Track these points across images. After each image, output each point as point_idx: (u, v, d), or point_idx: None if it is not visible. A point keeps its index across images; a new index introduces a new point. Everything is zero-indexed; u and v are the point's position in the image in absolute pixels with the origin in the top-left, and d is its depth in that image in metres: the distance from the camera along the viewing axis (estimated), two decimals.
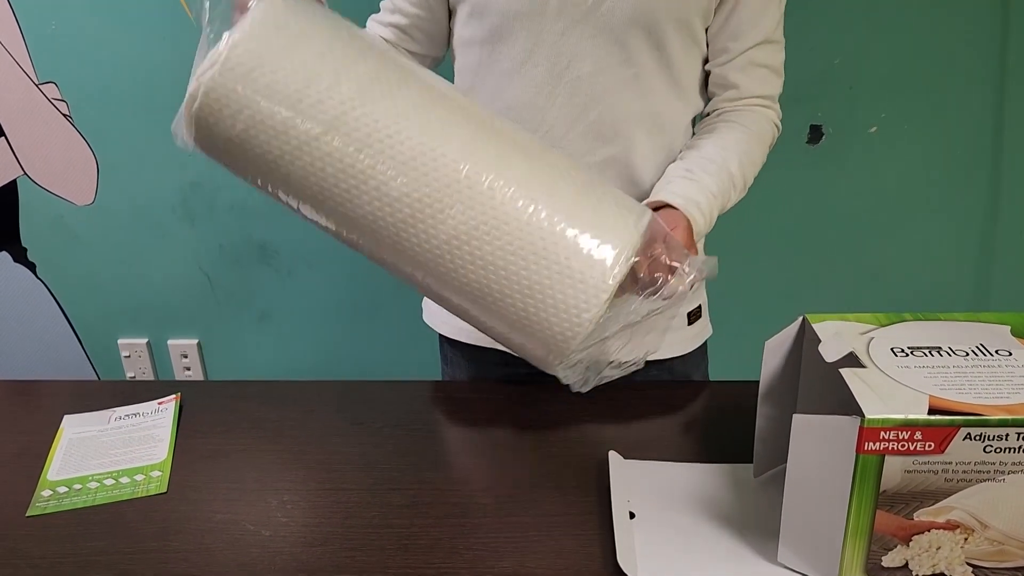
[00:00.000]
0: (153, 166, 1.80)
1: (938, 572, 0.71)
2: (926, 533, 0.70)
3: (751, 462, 0.87)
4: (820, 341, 0.76)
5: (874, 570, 0.71)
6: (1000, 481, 0.67)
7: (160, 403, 1.05)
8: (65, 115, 1.76)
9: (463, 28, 0.99)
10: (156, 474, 0.92)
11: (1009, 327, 0.78)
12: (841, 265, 1.80)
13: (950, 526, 0.69)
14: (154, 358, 2.03)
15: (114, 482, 0.92)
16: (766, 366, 0.83)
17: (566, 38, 0.94)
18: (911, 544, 0.70)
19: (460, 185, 0.74)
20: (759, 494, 0.85)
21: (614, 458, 0.90)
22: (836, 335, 0.76)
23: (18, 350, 2.04)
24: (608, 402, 1.03)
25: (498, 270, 0.74)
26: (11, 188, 1.85)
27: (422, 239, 0.75)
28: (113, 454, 0.96)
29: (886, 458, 0.66)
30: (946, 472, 0.67)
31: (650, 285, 0.78)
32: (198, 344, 2.01)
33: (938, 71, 1.62)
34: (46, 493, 0.90)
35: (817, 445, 0.69)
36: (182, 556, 0.81)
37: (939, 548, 0.70)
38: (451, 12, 1.01)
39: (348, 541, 0.82)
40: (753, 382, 0.84)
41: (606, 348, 0.79)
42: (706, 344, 1.18)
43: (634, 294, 0.78)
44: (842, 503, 0.69)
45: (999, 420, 0.65)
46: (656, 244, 0.79)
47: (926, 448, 0.66)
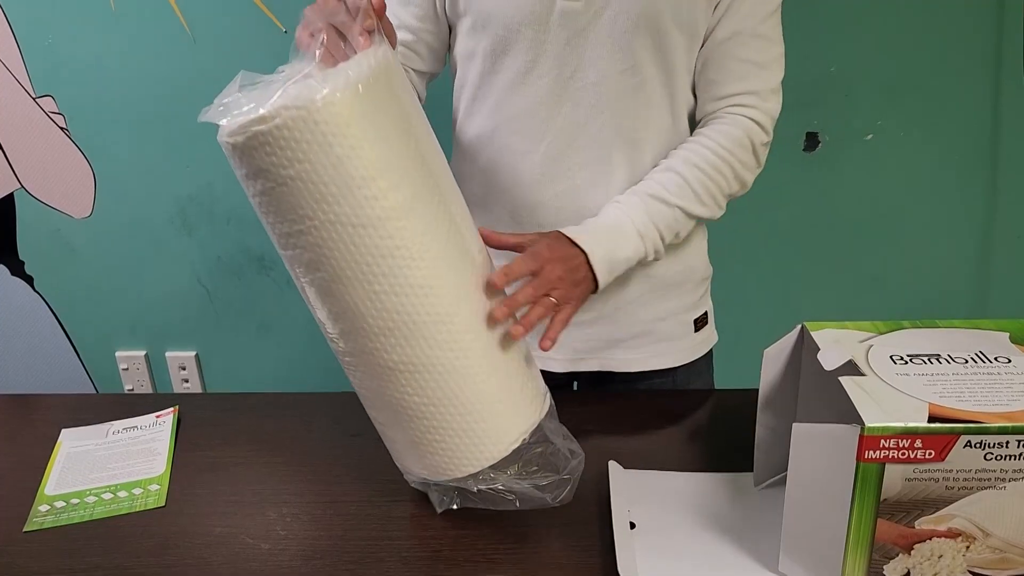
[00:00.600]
0: (150, 178, 1.80)
1: None
2: (928, 541, 0.69)
3: (752, 471, 0.87)
4: (819, 349, 0.76)
5: None
6: (1001, 489, 0.67)
7: (158, 416, 1.05)
8: (62, 128, 1.76)
9: (465, 41, 0.99)
10: (154, 488, 0.92)
11: (1008, 334, 0.78)
12: (840, 271, 1.81)
13: (952, 534, 0.69)
14: (152, 370, 2.02)
15: (112, 496, 0.91)
16: (765, 375, 0.82)
17: (571, 48, 0.94)
18: (913, 553, 0.70)
19: (435, 325, 0.76)
20: (760, 503, 0.85)
21: (614, 468, 0.90)
22: (835, 343, 0.76)
23: (16, 363, 2.04)
24: (609, 412, 1.04)
25: (427, 395, 0.78)
26: (8, 201, 1.85)
27: (377, 351, 0.76)
28: (111, 468, 0.96)
29: (887, 466, 0.66)
30: (947, 480, 0.67)
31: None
32: (196, 356, 2.00)
33: (934, 78, 1.62)
34: (43, 508, 0.90)
35: (817, 454, 0.69)
36: (181, 571, 0.80)
37: (941, 556, 0.70)
38: (451, 27, 1.02)
39: (347, 554, 0.82)
40: (753, 390, 0.84)
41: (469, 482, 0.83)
42: (711, 353, 1.18)
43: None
44: (843, 512, 0.69)
45: (999, 427, 0.65)
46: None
47: (926, 456, 0.66)
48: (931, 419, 0.66)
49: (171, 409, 1.06)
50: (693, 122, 1.02)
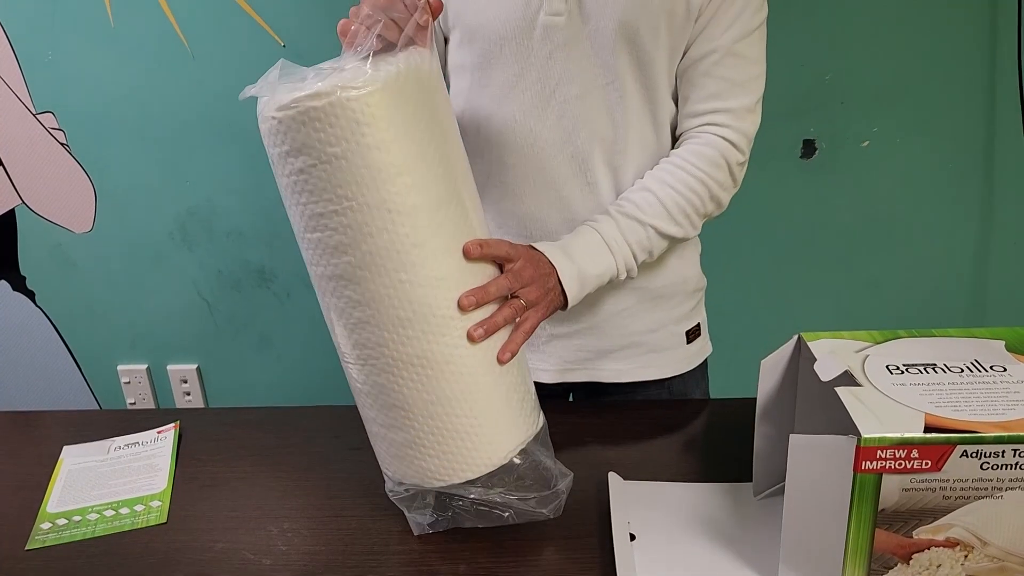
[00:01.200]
0: (150, 193, 1.80)
1: None
2: (926, 551, 0.69)
3: (751, 480, 0.87)
4: (815, 360, 0.76)
5: None
6: (998, 498, 0.67)
7: (159, 432, 1.05)
8: (62, 144, 1.77)
9: (456, 53, 1.01)
10: (156, 504, 0.92)
11: (1003, 342, 0.78)
12: (837, 278, 1.81)
13: (950, 543, 0.69)
14: (154, 384, 2.03)
15: (114, 513, 0.92)
16: (762, 385, 0.83)
17: (553, 62, 0.95)
18: (911, 562, 0.70)
19: (452, 321, 0.77)
20: (759, 513, 0.85)
21: (614, 479, 0.90)
22: (831, 353, 0.76)
23: (18, 378, 2.04)
24: (606, 423, 1.04)
25: (433, 394, 0.78)
26: (9, 217, 1.86)
27: (392, 343, 0.77)
28: (113, 485, 0.96)
29: (884, 476, 0.66)
30: (944, 490, 0.67)
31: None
32: (198, 369, 2.01)
33: (929, 84, 1.63)
34: (45, 526, 0.90)
35: (815, 465, 0.69)
36: None
37: (939, 566, 0.70)
38: (446, 39, 1.03)
39: (349, 568, 0.82)
40: (751, 399, 0.84)
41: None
42: (706, 362, 1.18)
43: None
44: (841, 522, 0.69)
45: (995, 437, 0.65)
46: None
47: (923, 466, 0.66)
48: (927, 429, 0.66)
49: (172, 425, 1.06)
50: (676, 134, 1.03)
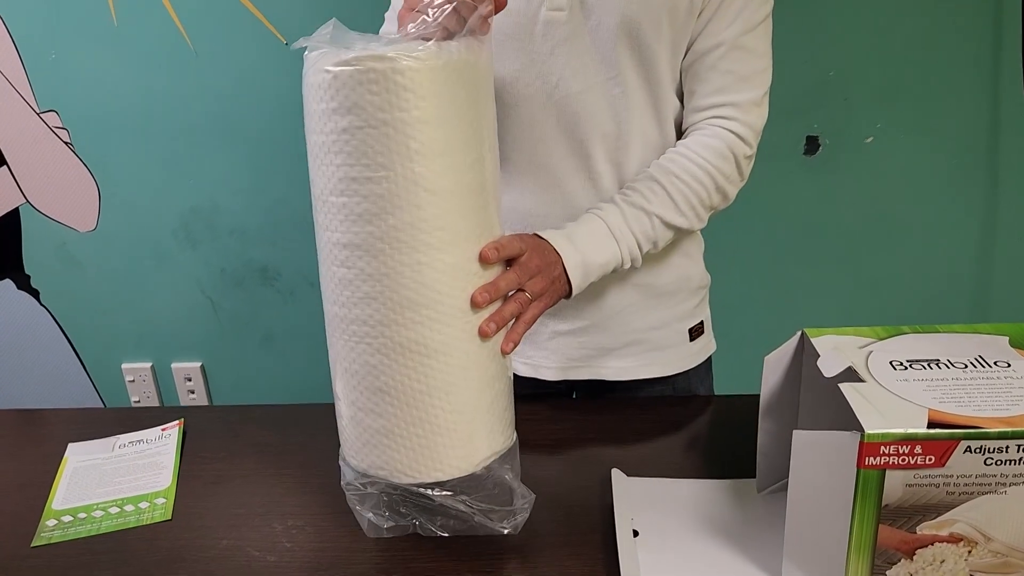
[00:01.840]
0: (154, 192, 1.81)
1: None
2: (930, 546, 0.69)
3: (755, 477, 0.87)
4: (819, 356, 0.76)
5: None
6: (1002, 493, 0.67)
7: (163, 429, 1.05)
8: (66, 143, 1.78)
9: None
10: (160, 501, 0.93)
11: (1007, 338, 0.78)
12: (841, 275, 1.81)
13: (953, 539, 0.69)
14: (158, 382, 2.03)
15: (119, 510, 0.92)
16: (766, 381, 0.83)
17: (554, 58, 0.95)
18: (915, 558, 0.70)
19: (461, 313, 0.77)
20: (763, 509, 0.85)
21: (617, 476, 0.90)
22: (835, 349, 0.76)
23: (23, 376, 2.05)
24: (609, 420, 1.04)
25: (424, 383, 0.77)
26: (14, 216, 1.86)
27: (394, 324, 0.76)
28: (117, 482, 0.97)
29: (887, 472, 0.66)
30: (947, 485, 0.67)
31: None
32: (202, 367, 2.01)
33: (933, 81, 1.63)
34: (51, 523, 0.90)
35: (818, 461, 0.69)
36: None
37: (943, 561, 0.70)
38: None
39: (353, 566, 0.82)
40: (755, 395, 0.84)
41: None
42: (710, 359, 1.18)
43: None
44: (845, 518, 0.69)
45: (999, 433, 0.65)
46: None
47: (927, 462, 0.66)
48: (931, 425, 0.66)
49: (176, 422, 1.06)
50: (680, 130, 1.03)
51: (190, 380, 2.02)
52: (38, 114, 1.75)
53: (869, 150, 1.69)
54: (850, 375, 0.73)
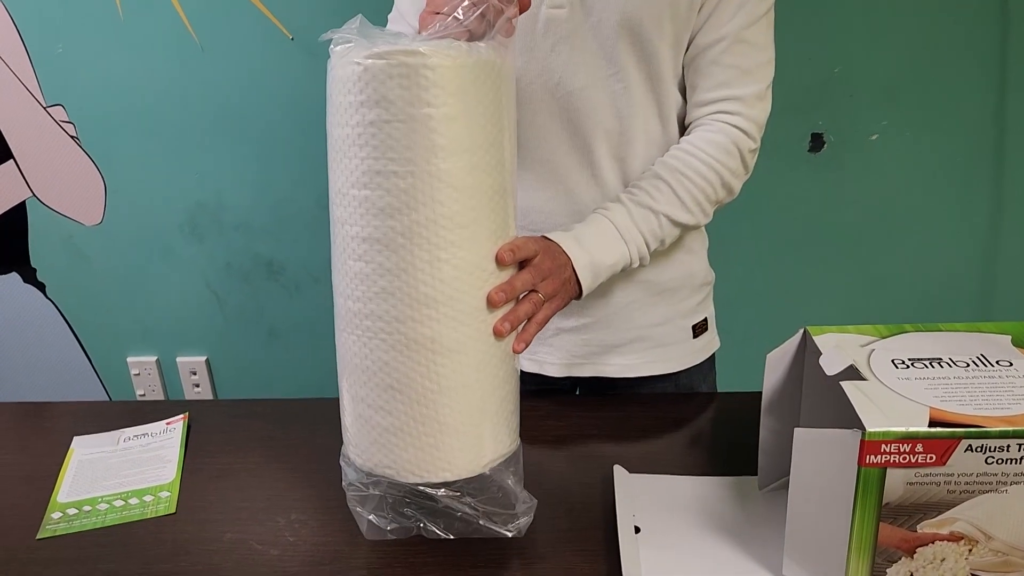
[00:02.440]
0: (160, 186, 1.81)
1: None
2: (930, 545, 0.70)
3: (756, 474, 0.87)
4: (821, 354, 0.76)
5: None
6: (1003, 492, 0.67)
7: (168, 423, 1.06)
8: (72, 137, 1.78)
9: None
10: (165, 495, 0.93)
11: (1010, 337, 0.78)
12: (845, 272, 1.81)
13: (954, 538, 0.69)
14: (163, 375, 2.04)
15: (123, 503, 0.92)
16: (768, 379, 0.83)
17: (556, 54, 0.95)
18: (915, 556, 0.70)
19: (476, 312, 0.77)
20: (764, 507, 0.85)
21: (619, 472, 0.90)
22: (836, 347, 0.76)
23: (28, 370, 2.06)
24: (612, 416, 1.04)
25: (438, 381, 0.77)
26: (20, 209, 1.87)
27: (410, 320, 0.75)
28: (122, 475, 0.97)
29: (888, 471, 0.66)
30: (948, 484, 0.67)
31: None
32: (207, 361, 2.02)
33: (938, 78, 1.62)
34: (56, 515, 0.91)
35: (819, 458, 0.69)
36: None
37: (943, 560, 0.70)
38: None
39: (356, 559, 0.82)
40: (757, 393, 0.84)
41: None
42: (714, 356, 1.18)
43: None
44: (845, 516, 0.69)
45: (1000, 431, 0.65)
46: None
47: (928, 460, 0.66)
48: (932, 423, 0.66)
49: (181, 416, 1.07)
50: (683, 125, 1.03)
51: (195, 374, 2.03)
52: (45, 108, 1.76)
53: (874, 147, 1.68)
54: (852, 373, 0.73)
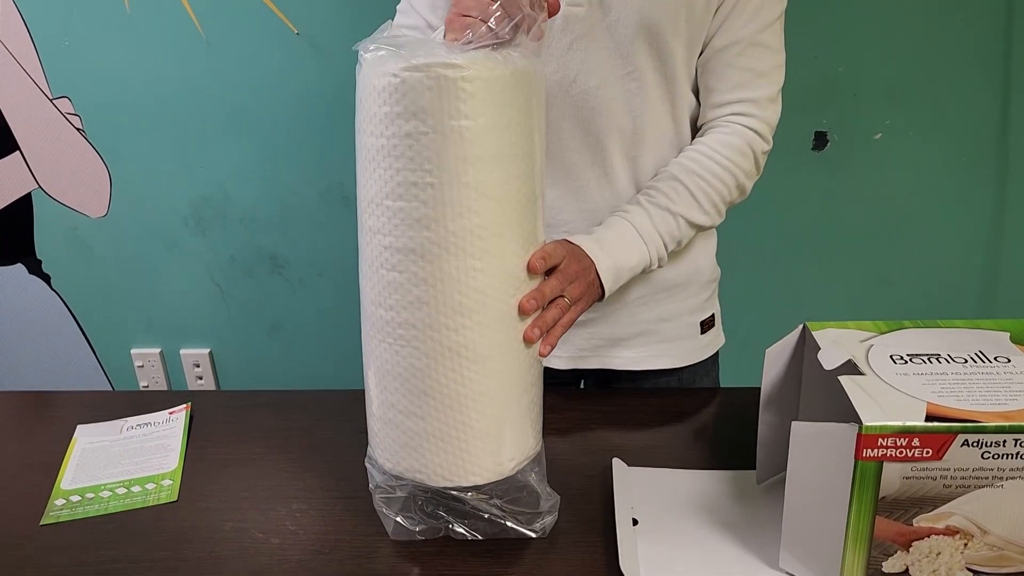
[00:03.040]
0: (165, 179, 1.82)
1: None
2: (926, 539, 0.70)
3: (754, 468, 0.88)
4: (820, 348, 0.76)
5: None
6: (999, 487, 0.67)
7: (171, 413, 1.07)
8: (78, 129, 1.79)
9: None
10: (167, 483, 0.94)
11: (1008, 334, 0.79)
12: (848, 271, 1.81)
13: (950, 532, 0.70)
14: (167, 367, 2.05)
15: (126, 491, 0.93)
16: (767, 374, 0.83)
17: (572, 52, 0.95)
18: (911, 550, 0.70)
19: (510, 320, 0.78)
20: (762, 500, 0.86)
21: (618, 465, 0.91)
22: (835, 343, 0.77)
23: (33, 360, 2.07)
24: (613, 409, 1.05)
25: (465, 386, 0.77)
26: (26, 201, 1.88)
27: (444, 328, 0.76)
28: (125, 463, 0.98)
29: (885, 465, 0.67)
30: (945, 478, 0.67)
31: None
32: (210, 354, 2.03)
33: (942, 78, 1.62)
34: (59, 502, 0.92)
35: (816, 452, 0.70)
36: (192, 564, 0.82)
37: (939, 554, 0.70)
38: None
39: (356, 549, 0.83)
40: (757, 388, 0.85)
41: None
42: (717, 353, 1.18)
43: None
44: (842, 509, 0.69)
45: (996, 427, 0.65)
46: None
47: (924, 455, 0.66)
48: (929, 418, 0.66)
49: (184, 406, 1.08)
50: (696, 126, 1.03)
51: (198, 366, 2.03)
52: (51, 100, 1.77)
53: (878, 146, 1.69)
54: (850, 368, 0.73)
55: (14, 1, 1.68)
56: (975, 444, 0.66)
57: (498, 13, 0.74)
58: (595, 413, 1.04)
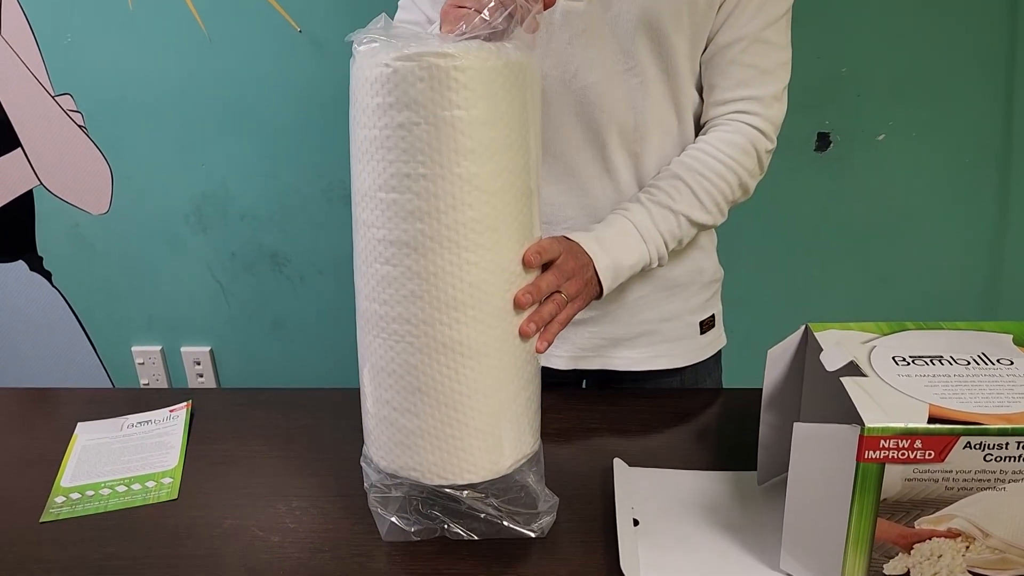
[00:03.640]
0: (166, 176, 1.82)
1: None
2: (927, 541, 0.70)
3: (755, 469, 0.88)
4: (822, 350, 0.76)
5: None
6: (1001, 490, 0.67)
7: (171, 410, 1.07)
8: (80, 126, 1.79)
9: None
10: (167, 481, 0.94)
11: (1011, 336, 0.78)
12: (851, 272, 1.81)
13: (951, 534, 0.69)
14: (167, 365, 2.05)
15: (126, 488, 0.93)
16: (769, 375, 0.83)
17: (572, 47, 0.95)
18: (912, 552, 0.70)
19: (506, 315, 0.77)
20: (762, 502, 0.86)
21: (619, 465, 0.91)
22: (837, 344, 0.77)
23: (34, 357, 2.07)
24: (614, 409, 1.04)
25: (460, 381, 0.77)
26: (28, 198, 1.88)
27: (438, 324, 0.75)
28: (125, 461, 0.98)
29: (886, 466, 0.67)
30: (946, 480, 0.67)
31: None
32: (211, 351, 2.03)
33: (945, 78, 1.62)
34: (59, 499, 0.92)
35: (818, 454, 0.70)
36: (192, 562, 0.82)
37: (940, 556, 0.70)
38: None
39: (355, 547, 0.83)
40: (759, 389, 0.85)
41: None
42: (720, 353, 1.18)
43: None
44: (843, 511, 0.69)
45: (999, 429, 0.65)
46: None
47: (926, 457, 0.66)
48: (931, 420, 0.66)
49: (184, 404, 1.07)
50: (699, 123, 1.03)
51: (199, 364, 2.03)
52: (53, 97, 1.77)
53: (880, 147, 1.68)
54: (852, 369, 0.73)
55: None
56: (977, 446, 0.66)
57: (492, 3, 0.74)
58: (596, 413, 1.04)
